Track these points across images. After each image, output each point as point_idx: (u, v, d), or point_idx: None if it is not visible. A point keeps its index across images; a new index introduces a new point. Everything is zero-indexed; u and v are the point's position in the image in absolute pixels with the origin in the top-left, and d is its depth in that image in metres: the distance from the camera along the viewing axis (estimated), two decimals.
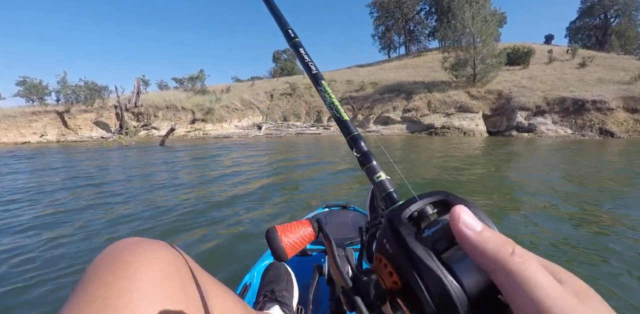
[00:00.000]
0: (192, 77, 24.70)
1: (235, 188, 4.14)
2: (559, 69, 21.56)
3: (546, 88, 17.53)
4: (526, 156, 7.80)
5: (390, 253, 0.26)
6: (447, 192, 0.27)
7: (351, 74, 28.60)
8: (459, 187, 4.12)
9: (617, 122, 14.38)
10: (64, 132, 18.98)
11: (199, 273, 0.44)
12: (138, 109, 20.46)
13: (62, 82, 19.86)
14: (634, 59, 24.40)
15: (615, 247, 2.10)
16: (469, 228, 0.21)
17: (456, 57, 20.16)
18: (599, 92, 15.68)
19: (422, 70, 26.70)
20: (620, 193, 3.64)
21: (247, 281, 1.02)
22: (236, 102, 23.29)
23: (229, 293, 0.50)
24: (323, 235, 0.38)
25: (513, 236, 2.24)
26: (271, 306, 0.80)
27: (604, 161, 6.47)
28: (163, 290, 0.33)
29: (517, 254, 0.19)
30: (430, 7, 41.26)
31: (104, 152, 9.84)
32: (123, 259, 0.35)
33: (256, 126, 21.70)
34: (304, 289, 0.94)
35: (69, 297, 0.32)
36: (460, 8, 19.78)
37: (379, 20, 44.15)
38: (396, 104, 19.63)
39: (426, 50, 41.11)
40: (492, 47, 19.20)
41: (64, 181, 4.84)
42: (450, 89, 19.55)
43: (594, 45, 36.01)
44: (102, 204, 3.42)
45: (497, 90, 18.45)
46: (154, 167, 6.36)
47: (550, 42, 37.90)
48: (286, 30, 0.50)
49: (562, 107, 15.50)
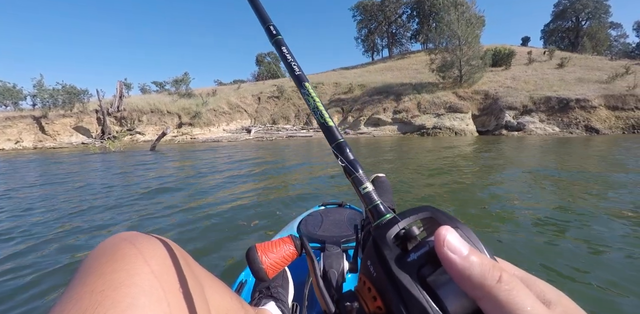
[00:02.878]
0: (177, 80, 24.02)
1: (236, 188, 4.13)
2: (540, 70, 22.33)
3: (530, 88, 18.08)
4: (528, 152, 7.92)
5: (374, 276, 0.25)
6: (434, 209, 0.26)
7: (338, 77, 28.64)
8: (453, 188, 4.06)
9: (600, 119, 14.96)
10: (41, 138, 17.99)
11: (196, 268, 0.43)
12: (121, 113, 19.68)
13: (38, 85, 18.86)
14: (606, 60, 25.65)
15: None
16: (455, 252, 0.20)
17: (442, 59, 20.54)
18: (581, 91, 16.30)
19: (408, 72, 27.08)
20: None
21: (242, 278, 1.01)
22: (223, 106, 22.82)
23: (225, 288, 0.50)
24: (306, 253, 0.38)
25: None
26: (267, 302, 0.80)
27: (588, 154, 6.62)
28: (160, 284, 0.33)
29: (504, 281, 0.18)
30: (411, 11, 42.06)
31: (94, 158, 9.29)
32: (120, 252, 0.34)
33: (245, 130, 21.31)
34: (299, 285, 0.93)
35: (65, 289, 0.32)
36: (446, 11, 20.17)
37: (362, 23, 44.62)
38: (386, 106, 19.75)
39: (409, 52, 41.85)
40: (477, 48, 19.67)
41: (83, 190, 4.46)
42: (438, 90, 19.87)
43: (567, 46, 37.66)
44: (150, 217, 3.13)
45: (484, 90, 18.88)
46: (152, 172, 6.02)
47: (527, 44, 39.35)
48: (268, 27, 0.47)
49: (548, 106, 16.00)
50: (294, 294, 0.91)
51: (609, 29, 39.90)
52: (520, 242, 2.10)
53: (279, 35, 0.46)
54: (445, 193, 3.61)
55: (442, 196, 3.48)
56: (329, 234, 1.01)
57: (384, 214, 0.28)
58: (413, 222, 0.26)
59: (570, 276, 1.65)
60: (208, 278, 0.46)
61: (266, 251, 0.38)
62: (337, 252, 0.85)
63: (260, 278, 0.37)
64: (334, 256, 0.82)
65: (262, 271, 0.36)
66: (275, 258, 0.38)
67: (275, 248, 0.39)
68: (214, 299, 0.44)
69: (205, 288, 0.42)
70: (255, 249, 0.38)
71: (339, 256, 0.82)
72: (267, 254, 0.38)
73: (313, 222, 1.15)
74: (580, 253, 1.91)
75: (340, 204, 1.40)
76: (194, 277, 0.40)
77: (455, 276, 0.20)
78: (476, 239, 0.23)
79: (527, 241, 2.11)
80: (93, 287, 0.30)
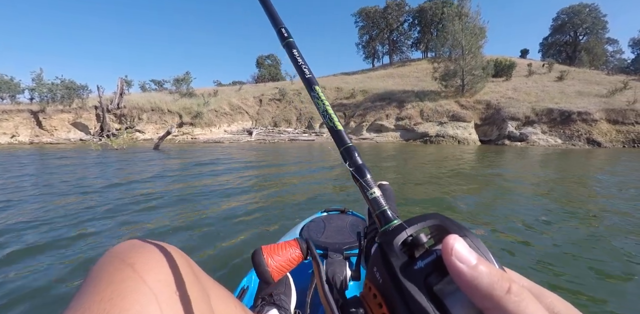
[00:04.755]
0: (178, 79, 23.81)
1: (244, 192, 4.12)
2: (540, 82, 22.64)
3: (532, 99, 18.29)
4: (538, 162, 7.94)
5: (380, 283, 0.24)
6: (442, 216, 0.25)
7: (340, 82, 28.71)
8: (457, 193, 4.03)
9: (602, 132, 15.16)
10: (38, 133, 17.61)
11: (201, 275, 0.44)
12: (121, 110, 19.40)
13: (37, 79, 18.51)
14: (603, 74, 26.15)
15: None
16: (463, 262, 0.20)
17: (445, 67, 20.72)
18: (583, 104, 16.52)
19: (410, 80, 27.23)
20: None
21: (244, 284, 1.00)
22: (225, 107, 22.66)
23: (230, 296, 0.50)
24: (312, 257, 0.37)
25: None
26: (269, 310, 0.79)
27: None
28: (169, 292, 0.33)
29: (514, 292, 0.18)
30: (413, 19, 42.50)
31: (100, 157, 9.08)
32: (129, 260, 0.34)
33: (246, 131, 21.16)
34: (301, 293, 0.92)
35: (74, 296, 0.32)
36: (450, 21, 20.40)
37: (363, 29, 44.95)
38: (389, 112, 19.80)
39: (409, 60, 42.20)
40: (480, 59, 19.88)
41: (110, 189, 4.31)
42: (440, 99, 20.00)
43: (564, 60, 38.32)
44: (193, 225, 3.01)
45: (485, 100, 19.04)
46: (164, 172, 5.88)
47: (525, 56, 39.94)
48: (279, 29, 0.47)
49: (550, 118, 16.18)
50: (296, 301, 0.90)
51: (605, 45, 40.77)
52: (532, 253, 2.11)
53: (290, 38, 0.45)
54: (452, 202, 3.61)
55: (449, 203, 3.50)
56: (331, 241, 1.00)
57: (391, 220, 0.28)
58: (421, 229, 0.25)
59: (578, 290, 1.65)
60: (213, 285, 0.46)
61: (272, 254, 0.38)
62: (339, 259, 0.85)
63: (265, 280, 0.37)
64: (336, 263, 0.82)
65: (268, 273, 0.36)
66: (281, 261, 0.38)
67: (281, 250, 0.39)
68: (220, 308, 0.43)
69: (211, 296, 0.42)
70: (261, 251, 0.38)
71: (342, 264, 0.82)
72: (273, 257, 0.38)
73: (315, 228, 1.14)
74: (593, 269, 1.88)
75: (343, 211, 1.39)
76: (199, 285, 0.40)
77: (462, 286, 0.20)
78: (485, 249, 0.22)
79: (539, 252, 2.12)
80: (102, 296, 0.30)
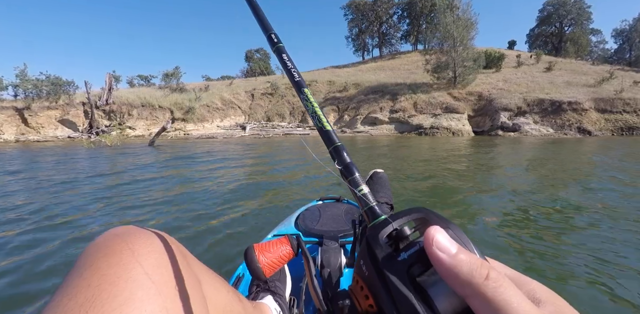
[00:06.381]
0: (167, 74, 23.33)
1: (239, 183, 4.18)
2: (529, 73, 22.98)
3: (523, 90, 18.57)
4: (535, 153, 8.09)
5: (366, 275, 0.25)
6: (426, 210, 0.26)
7: (331, 75, 28.58)
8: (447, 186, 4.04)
9: (591, 121, 15.55)
10: (24, 130, 17.04)
11: (193, 261, 0.44)
12: (110, 106, 18.91)
13: (21, 75, 17.81)
14: (588, 64, 26.69)
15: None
16: (443, 251, 0.20)
17: (437, 59, 20.80)
18: (572, 94, 16.88)
19: (401, 72, 27.29)
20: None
21: (240, 272, 1.02)
22: (217, 102, 22.33)
23: (222, 282, 0.50)
24: (302, 253, 0.38)
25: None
26: (264, 296, 0.80)
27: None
28: (158, 278, 0.33)
29: (492, 278, 0.19)
30: (402, 11, 42.38)
31: (92, 153, 8.84)
32: (117, 247, 0.34)
33: (239, 126, 20.94)
34: (296, 279, 0.95)
35: (62, 282, 0.31)
36: (442, 12, 20.42)
37: (353, 22, 44.65)
38: (382, 105, 19.84)
39: (399, 53, 42.19)
40: (472, 51, 20.02)
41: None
42: (433, 91, 20.12)
43: (550, 51, 38.91)
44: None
45: (477, 92, 19.26)
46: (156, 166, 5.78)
47: (513, 48, 40.40)
48: (270, 35, 0.49)
49: (541, 108, 16.49)
50: (291, 288, 0.92)
51: (590, 35, 41.48)
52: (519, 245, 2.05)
53: (280, 43, 0.47)
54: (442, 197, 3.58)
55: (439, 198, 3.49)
56: (326, 228, 1.02)
57: (379, 216, 0.29)
58: (406, 222, 0.26)
59: (563, 278, 1.64)
60: (205, 272, 0.46)
61: (263, 251, 0.40)
62: (334, 247, 0.87)
63: (257, 277, 0.38)
64: (331, 250, 0.84)
65: (260, 270, 0.38)
66: (272, 258, 0.39)
67: (272, 247, 0.40)
68: (211, 294, 0.44)
69: (202, 283, 0.42)
70: (253, 248, 0.39)
71: (337, 251, 0.84)
72: (265, 254, 0.39)
73: (311, 217, 1.16)
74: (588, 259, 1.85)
75: (338, 199, 1.41)
76: (190, 271, 0.40)
77: (443, 275, 0.20)
78: (467, 240, 0.23)
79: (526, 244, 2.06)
80: (89, 281, 0.30)
